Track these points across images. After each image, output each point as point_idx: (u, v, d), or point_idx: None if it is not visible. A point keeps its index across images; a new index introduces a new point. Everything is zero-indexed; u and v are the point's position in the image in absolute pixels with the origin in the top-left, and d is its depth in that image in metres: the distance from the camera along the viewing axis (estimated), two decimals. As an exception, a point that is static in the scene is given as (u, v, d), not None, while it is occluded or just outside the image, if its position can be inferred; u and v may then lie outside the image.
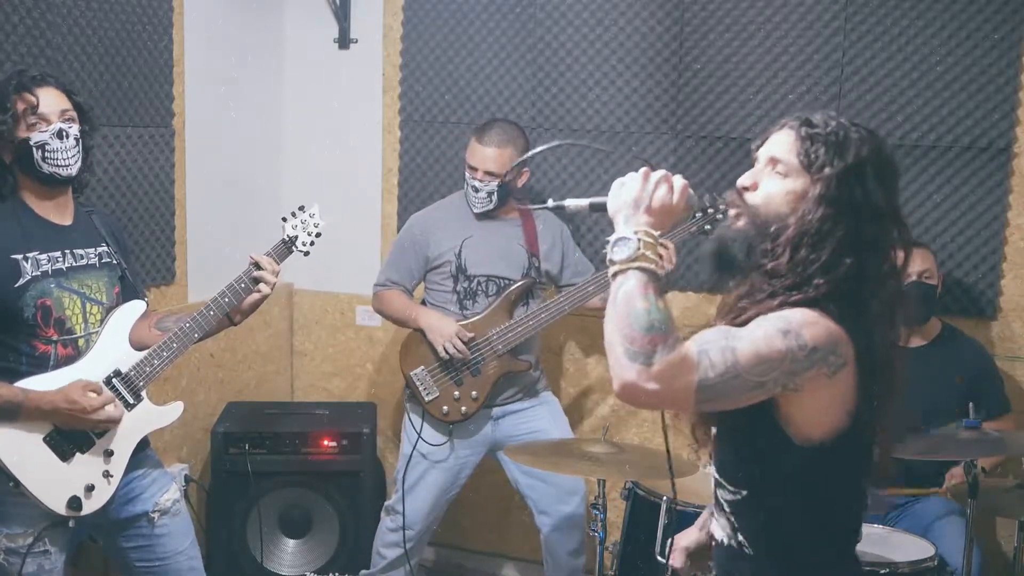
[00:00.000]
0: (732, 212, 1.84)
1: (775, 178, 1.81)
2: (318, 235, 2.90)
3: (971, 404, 2.97)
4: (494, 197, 3.56)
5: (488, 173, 3.52)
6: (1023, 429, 3.46)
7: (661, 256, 1.73)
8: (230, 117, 4.13)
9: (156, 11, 3.69)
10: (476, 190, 3.56)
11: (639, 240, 1.71)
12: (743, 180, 1.85)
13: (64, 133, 2.57)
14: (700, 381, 1.63)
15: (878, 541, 2.86)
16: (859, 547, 1.93)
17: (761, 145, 1.87)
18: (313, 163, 4.43)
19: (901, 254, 1.82)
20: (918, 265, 3.30)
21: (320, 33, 4.36)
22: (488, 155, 3.51)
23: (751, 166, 1.90)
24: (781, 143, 1.82)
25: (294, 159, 4.48)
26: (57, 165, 2.57)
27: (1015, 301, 3.61)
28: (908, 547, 2.85)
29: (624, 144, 3.95)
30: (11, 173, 2.58)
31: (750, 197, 1.82)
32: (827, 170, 1.75)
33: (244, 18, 4.20)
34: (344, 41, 4.35)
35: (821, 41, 3.65)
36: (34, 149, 2.54)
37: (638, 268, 1.68)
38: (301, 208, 2.90)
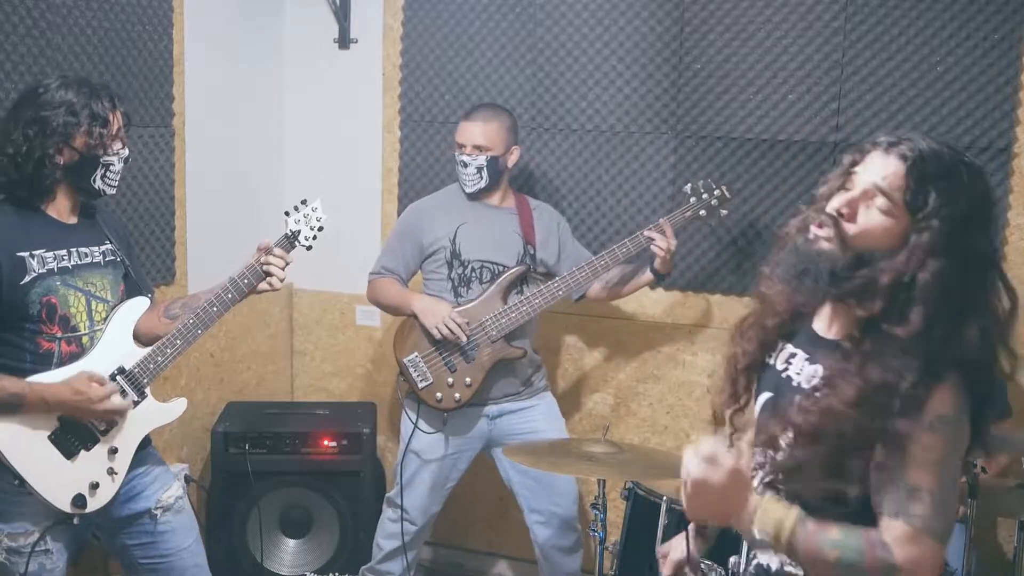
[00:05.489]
0: (821, 233, 1.74)
1: (874, 212, 1.70)
2: (320, 229, 2.90)
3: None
4: (484, 173, 3.56)
5: (476, 147, 3.54)
6: (1023, 429, 3.46)
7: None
8: (230, 117, 4.13)
9: (156, 11, 3.69)
10: (465, 165, 3.57)
11: (760, 529, 1.70)
12: (839, 205, 1.72)
13: (128, 159, 2.65)
14: (938, 544, 1.65)
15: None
16: None
17: (859, 162, 1.75)
18: (313, 163, 4.44)
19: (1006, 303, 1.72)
20: None
21: (320, 33, 4.36)
22: (475, 129, 3.55)
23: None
24: (888, 175, 1.69)
25: (294, 159, 4.48)
26: (109, 185, 2.63)
27: (1015, 301, 3.60)
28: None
29: (624, 144, 3.95)
30: (57, 175, 2.56)
31: (846, 226, 1.71)
32: (935, 222, 1.65)
33: (244, 18, 4.21)
34: (344, 41, 4.35)
35: (821, 41, 3.66)
36: (100, 166, 2.58)
37: (789, 532, 1.68)
38: (303, 202, 2.90)
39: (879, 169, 1.71)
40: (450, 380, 3.54)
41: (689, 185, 3.60)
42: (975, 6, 3.48)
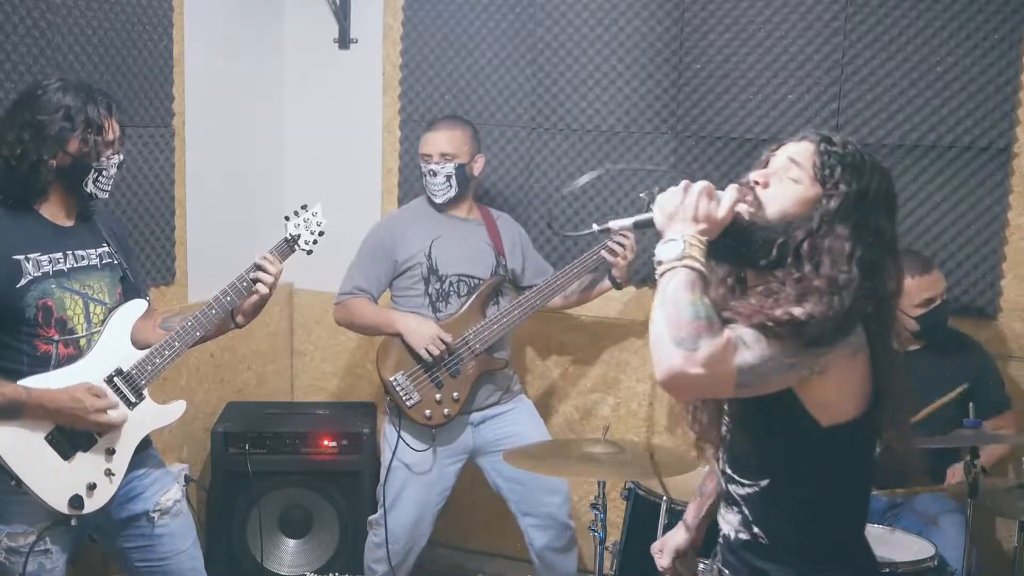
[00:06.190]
0: (741, 204, 1.86)
1: (787, 182, 1.85)
2: (320, 234, 2.90)
3: (971, 404, 2.99)
4: (452, 181, 3.58)
5: (443, 155, 3.56)
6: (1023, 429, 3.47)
7: (703, 260, 1.74)
8: (230, 117, 4.13)
9: (156, 11, 3.69)
10: (434, 174, 3.57)
11: (685, 242, 1.75)
12: (755, 176, 1.88)
13: (123, 164, 2.66)
14: (739, 365, 1.68)
15: (878, 541, 2.82)
16: None
17: (776, 150, 1.92)
18: (313, 163, 4.44)
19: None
20: (926, 293, 3.31)
21: (320, 33, 4.36)
22: (440, 138, 3.58)
23: (753, 165, 1.92)
24: (799, 152, 1.87)
25: (294, 159, 4.48)
26: (102, 190, 2.63)
27: (1015, 301, 3.61)
28: (908, 547, 2.85)
29: (624, 144, 3.95)
30: (50, 177, 2.56)
31: (760, 192, 1.85)
32: (843, 187, 1.80)
33: (244, 18, 4.21)
34: (344, 41, 4.35)
35: (821, 41, 3.65)
36: (92, 171, 2.58)
37: (685, 266, 1.73)
38: (304, 207, 2.90)
39: (792, 147, 1.90)
40: (438, 396, 3.53)
41: (646, 191, 3.61)
42: (975, 6, 3.48)
